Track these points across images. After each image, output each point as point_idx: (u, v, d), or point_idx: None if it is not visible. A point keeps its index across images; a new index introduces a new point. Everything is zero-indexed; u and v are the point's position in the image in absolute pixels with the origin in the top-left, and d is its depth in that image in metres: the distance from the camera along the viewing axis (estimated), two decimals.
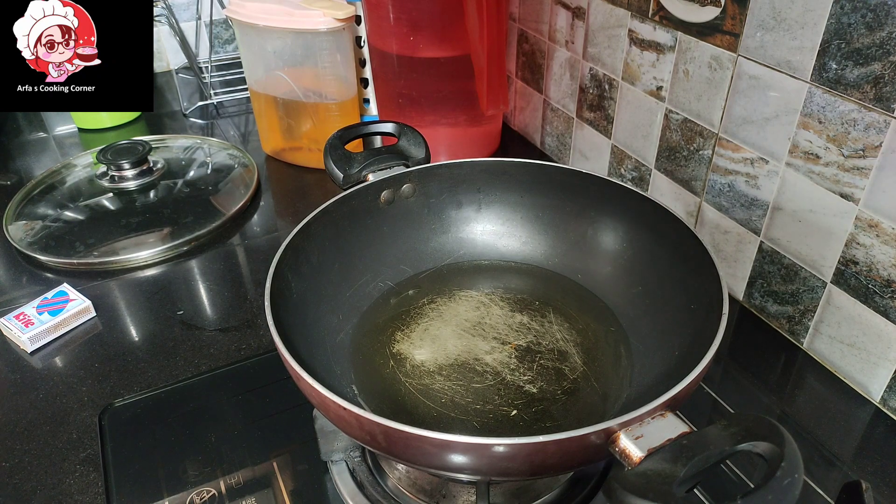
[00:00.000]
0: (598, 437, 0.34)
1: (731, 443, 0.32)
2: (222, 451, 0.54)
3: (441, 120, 0.91)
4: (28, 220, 0.82)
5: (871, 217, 0.52)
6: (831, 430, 0.55)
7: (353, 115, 0.92)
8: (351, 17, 0.84)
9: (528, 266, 0.62)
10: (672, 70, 0.68)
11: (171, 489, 0.51)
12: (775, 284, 0.63)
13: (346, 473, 0.50)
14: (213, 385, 0.60)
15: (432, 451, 0.35)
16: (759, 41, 0.57)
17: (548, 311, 0.57)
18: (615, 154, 0.81)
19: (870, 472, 0.51)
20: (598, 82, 0.81)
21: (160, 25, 1.16)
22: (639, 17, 0.70)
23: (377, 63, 0.93)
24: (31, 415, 0.58)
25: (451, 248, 0.63)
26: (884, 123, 0.49)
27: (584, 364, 0.52)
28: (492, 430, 0.47)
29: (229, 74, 1.22)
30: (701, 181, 0.68)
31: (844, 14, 0.50)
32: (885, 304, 0.53)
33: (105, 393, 0.60)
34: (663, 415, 0.35)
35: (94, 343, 0.65)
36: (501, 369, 0.52)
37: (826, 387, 0.59)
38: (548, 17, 0.87)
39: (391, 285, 0.60)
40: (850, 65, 0.50)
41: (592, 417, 0.48)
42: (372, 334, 0.55)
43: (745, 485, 0.50)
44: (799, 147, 0.56)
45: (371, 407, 0.49)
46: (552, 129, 0.94)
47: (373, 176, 0.59)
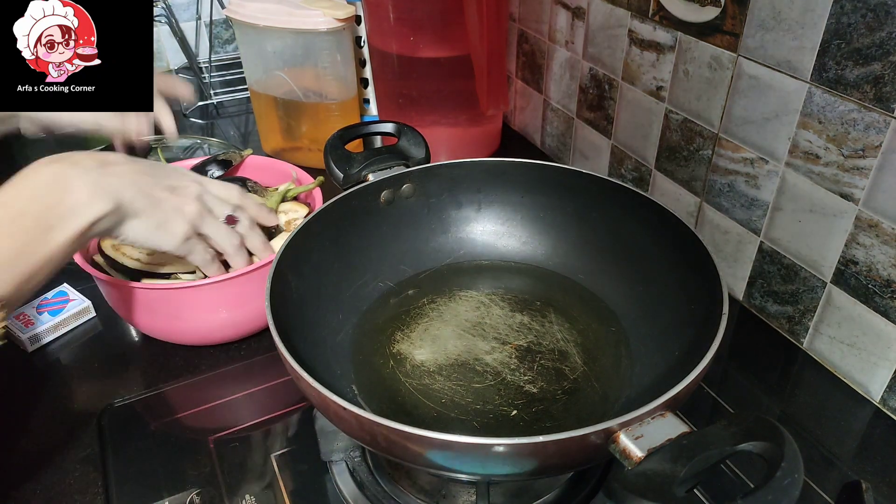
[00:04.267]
0: (598, 437, 0.34)
1: (731, 443, 0.33)
2: (222, 451, 0.54)
3: (441, 120, 0.91)
4: None
5: (871, 217, 0.52)
6: (831, 430, 0.55)
7: (353, 115, 0.92)
8: (351, 17, 0.84)
9: (528, 266, 0.62)
10: (672, 70, 0.68)
11: (171, 489, 0.50)
12: (775, 284, 0.63)
13: (346, 473, 0.50)
14: (213, 385, 0.60)
15: (432, 451, 0.35)
16: (759, 41, 0.57)
17: (548, 312, 0.57)
18: (615, 154, 0.81)
19: (870, 472, 0.51)
20: (598, 82, 0.81)
21: (160, 25, 1.16)
22: (639, 17, 0.70)
23: (377, 63, 0.93)
24: (31, 415, 0.58)
25: (451, 248, 0.63)
26: (884, 123, 0.49)
27: (585, 364, 0.52)
28: (492, 430, 0.47)
29: (229, 74, 1.22)
30: (701, 181, 0.68)
31: (844, 14, 0.50)
32: (885, 304, 0.53)
33: (105, 393, 0.60)
34: (663, 415, 0.35)
35: (94, 343, 0.65)
36: (501, 369, 0.52)
37: (826, 387, 0.59)
38: (548, 17, 0.87)
39: (391, 285, 0.60)
40: (850, 65, 0.50)
41: (592, 417, 0.48)
42: (372, 334, 0.55)
43: (745, 485, 0.50)
44: (799, 147, 0.56)
45: (371, 407, 0.49)
46: (552, 129, 0.94)
47: (373, 176, 0.59)
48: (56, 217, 0.43)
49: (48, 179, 0.44)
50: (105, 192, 0.45)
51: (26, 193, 0.43)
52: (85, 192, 0.44)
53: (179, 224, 0.51)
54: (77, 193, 0.44)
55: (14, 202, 0.42)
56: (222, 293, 0.58)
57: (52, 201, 0.43)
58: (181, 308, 0.58)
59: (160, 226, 0.50)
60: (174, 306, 0.58)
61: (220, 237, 0.55)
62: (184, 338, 0.61)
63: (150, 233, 0.50)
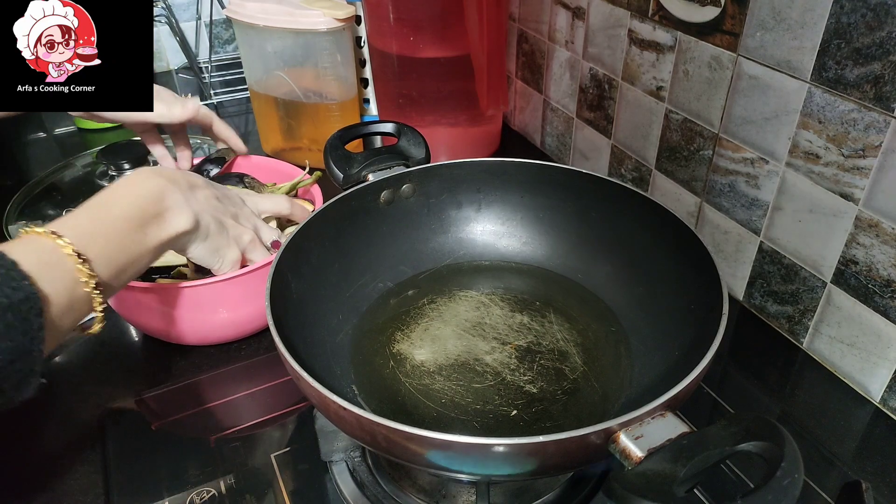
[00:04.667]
0: (598, 437, 0.34)
1: (731, 443, 0.33)
2: (222, 451, 0.54)
3: (441, 120, 0.91)
4: (28, 220, 0.82)
5: (871, 217, 0.52)
6: (831, 430, 0.55)
7: (353, 115, 0.92)
8: (351, 17, 0.84)
9: (528, 266, 0.62)
10: (672, 70, 0.68)
11: (171, 489, 0.50)
12: (775, 284, 0.63)
13: (346, 473, 0.50)
14: (213, 385, 0.60)
15: (432, 451, 0.35)
16: (759, 41, 0.57)
17: (548, 312, 0.57)
18: (615, 154, 0.81)
19: (870, 472, 0.51)
20: (598, 82, 0.81)
21: (160, 25, 1.16)
22: (639, 17, 0.70)
23: (377, 63, 0.93)
24: (31, 415, 0.58)
25: (451, 248, 0.63)
26: (884, 123, 0.49)
27: (585, 364, 0.52)
28: (492, 430, 0.47)
29: (229, 74, 1.22)
30: (701, 181, 0.68)
31: (844, 14, 0.50)
32: (885, 304, 0.53)
33: (105, 393, 0.60)
34: (663, 415, 0.35)
35: (94, 343, 0.65)
36: (501, 369, 0.52)
37: (826, 387, 0.59)
38: (548, 17, 0.87)
39: (391, 285, 0.60)
40: (850, 64, 0.50)
41: (592, 417, 0.48)
42: (372, 334, 0.55)
43: (745, 485, 0.50)
44: (799, 147, 0.56)
45: (371, 407, 0.49)
46: (552, 129, 0.94)
47: (373, 176, 0.59)
48: (153, 223, 0.49)
49: (152, 190, 0.50)
50: (192, 211, 0.52)
51: (131, 199, 0.49)
52: (177, 208, 0.51)
53: (234, 252, 0.57)
54: (171, 208, 0.50)
55: (122, 202, 0.48)
56: (222, 293, 0.58)
57: (152, 210, 0.49)
58: (181, 308, 0.58)
59: (218, 250, 0.55)
60: (174, 306, 0.58)
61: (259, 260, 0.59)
62: (184, 338, 0.61)
63: (209, 254, 0.55)
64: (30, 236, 0.43)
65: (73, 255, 0.43)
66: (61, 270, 0.42)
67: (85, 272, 0.43)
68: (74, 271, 0.43)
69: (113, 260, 0.46)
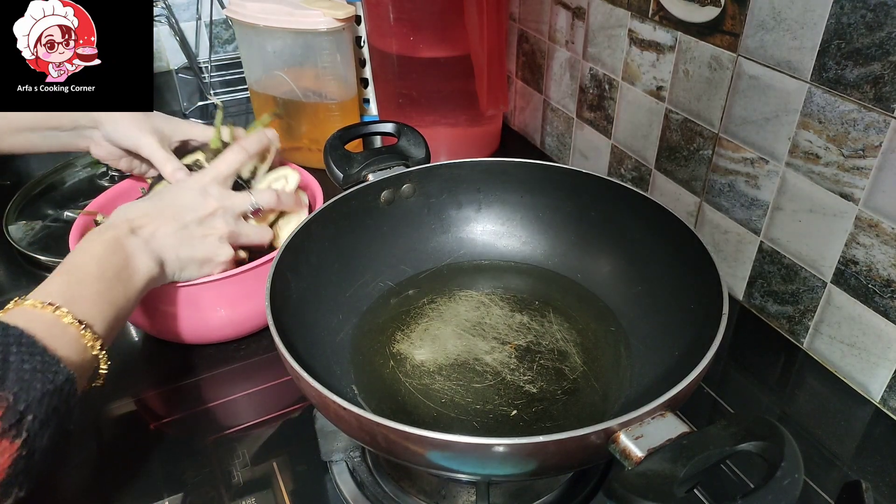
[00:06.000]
0: (598, 437, 0.34)
1: (731, 443, 0.33)
2: (222, 452, 0.54)
3: (441, 120, 0.91)
4: (28, 220, 0.82)
5: (871, 217, 0.52)
6: (831, 430, 0.55)
7: (353, 115, 0.92)
8: (351, 17, 0.84)
9: (528, 266, 0.62)
10: (672, 70, 0.68)
11: (171, 489, 0.50)
12: (775, 284, 0.63)
13: (346, 473, 0.50)
14: (212, 385, 0.60)
15: (432, 451, 0.35)
16: (759, 41, 0.57)
17: (548, 311, 0.57)
18: (615, 154, 0.81)
19: (870, 472, 0.51)
20: (598, 82, 0.81)
21: (160, 25, 1.16)
22: (639, 17, 0.70)
23: (377, 63, 0.93)
24: None
25: (451, 248, 0.63)
26: (884, 123, 0.49)
27: (584, 364, 0.52)
28: (492, 430, 0.47)
29: (229, 74, 1.22)
30: (701, 181, 0.68)
31: (844, 14, 0.50)
32: (885, 304, 0.53)
33: (104, 393, 0.59)
34: (663, 415, 0.35)
35: None
36: (501, 369, 0.52)
37: (826, 387, 0.59)
38: (548, 17, 0.87)
39: (391, 285, 0.60)
40: (850, 65, 0.50)
41: (592, 417, 0.48)
42: (372, 334, 0.55)
43: (745, 485, 0.50)
44: (799, 147, 0.56)
45: (371, 407, 0.49)
46: (552, 129, 0.94)
47: (373, 176, 0.59)
48: (124, 272, 0.50)
49: (108, 244, 0.50)
50: (151, 256, 0.52)
51: (95, 257, 0.49)
52: (138, 252, 0.51)
53: (220, 251, 0.57)
54: (133, 254, 0.51)
55: (89, 263, 0.49)
56: (222, 292, 0.58)
57: (118, 260, 0.50)
58: (180, 307, 0.58)
59: (206, 262, 0.56)
60: (173, 305, 0.58)
61: (256, 237, 0.60)
62: (183, 337, 0.61)
63: (200, 270, 0.56)
64: (24, 308, 0.44)
65: (74, 323, 0.44)
66: (69, 340, 0.43)
67: (89, 337, 0.44)
68: (80, 338, 0.44)
69: (107, 317, 0.47)
